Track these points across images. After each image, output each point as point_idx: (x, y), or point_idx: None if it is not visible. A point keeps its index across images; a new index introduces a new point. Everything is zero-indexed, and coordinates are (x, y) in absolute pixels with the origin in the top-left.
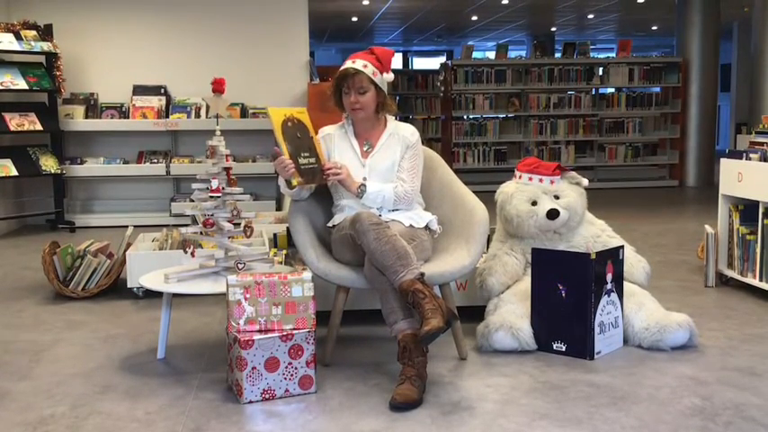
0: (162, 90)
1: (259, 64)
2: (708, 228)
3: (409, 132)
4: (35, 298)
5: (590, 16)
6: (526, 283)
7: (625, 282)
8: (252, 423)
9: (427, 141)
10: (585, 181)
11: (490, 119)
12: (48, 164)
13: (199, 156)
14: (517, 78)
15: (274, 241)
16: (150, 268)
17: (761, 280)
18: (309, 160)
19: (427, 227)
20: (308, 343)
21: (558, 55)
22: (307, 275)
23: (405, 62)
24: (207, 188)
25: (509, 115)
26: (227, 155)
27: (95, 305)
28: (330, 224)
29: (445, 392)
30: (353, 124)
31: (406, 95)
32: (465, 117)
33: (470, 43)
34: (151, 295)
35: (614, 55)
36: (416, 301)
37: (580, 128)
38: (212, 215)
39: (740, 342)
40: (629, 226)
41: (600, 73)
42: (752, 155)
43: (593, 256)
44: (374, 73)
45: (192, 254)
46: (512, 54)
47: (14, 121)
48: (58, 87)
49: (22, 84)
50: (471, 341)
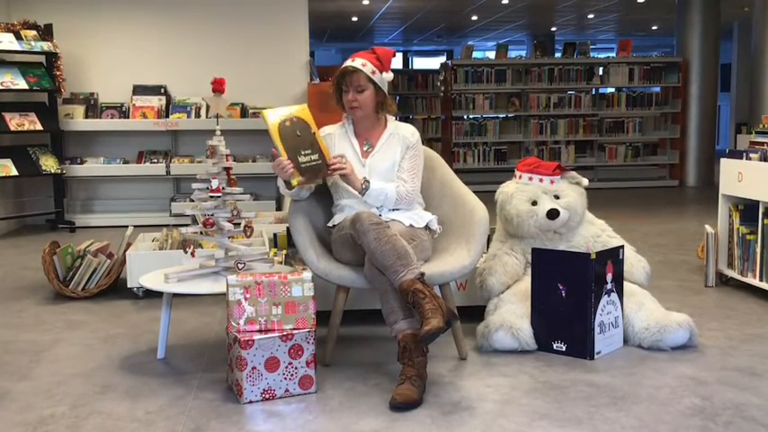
0: (162, 90)
1: (259, 64)
2: (708, 228)
3: (409, 132)
4: (35, 298)
5: (590, 16)
6: (526, 283)
7: (625, 282)
8: (252, 423)
9: (427, 141)
10: (585, 181)
11: (490, 119)
12: (48, 164)
13: (199, 156)
14: (517, 78)
15: (274, 241)
16: (150, 268)
17: (761, 280)
18: (311, 157)
19: (427, 227)
20: (308, 343)
21: (558, 55)
22: (307, 275)
23: (405, 62)
24: (207, 188)
25: (509, 115)
26: (227, 155)
27: (95, 305)
28: (330, 224)
29: (445, 392)
30: (353, 124)
31: (407, 95)
32: (465, 117)
33: (470, 43)
34: (151, 295)
35: (614, 55)
36: (416, 301)
37: (580, 128)
38: (212, 215)
39: (740, 342)
40: (629, 226)
41: (600, 73)
42: (752, 155)
43: (593, 256)
44: (373, 72)
45: (192, 254)
46: (512, 54)
47: (14, 121)
48: (58, 87)
49: (23, 83)
50: (471, 341)
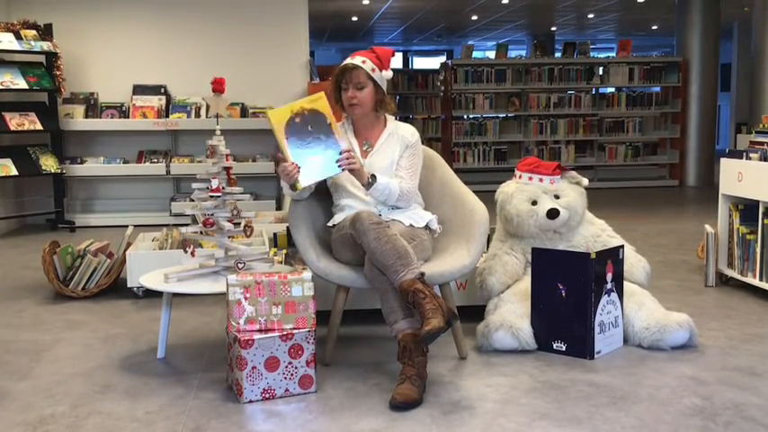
0: (162, 90)
1: (259, 63)
2: (708, 227)
3: (409, 132)
4: (35, 298)
5: (590, 16)
6: (526, 283)
7: (625, 281)
8: (252, 423)
9: (427, 141)
10: (585, 180)
11: (490, 118)
12: (48, 163)
13: (199, 155)
14: (517, 78)
15: (274, 241)
16: (150, 268)
17: (761, 279)
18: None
19: (427, 226)
20: (308, 342)
21: (558, 55)
22: (307, 275)
23: (405, 62)
24: (207, 188)
25: (509, 115)
26: (227, 154)
27: (95, 305)
28: (330, 224)
29: (445, 392)
30: (353, 123)
31: (407, 95)
32: (465, 117)
33: (470, 43)
34: (151, 295)
35: (614, 55)
36: (417, 301)
37: (580, 127)
38: (212, 215)
39: (740, 342)
40: (628, 226)
41: (600, 73)
42: (752, 154)
43: (593, 256)
44: (373, 69)
45: (192, 253)
46: (512, 54)
47: (14, 121)
48: (58, 87)
49: (22, 83)
50: (471, 341)
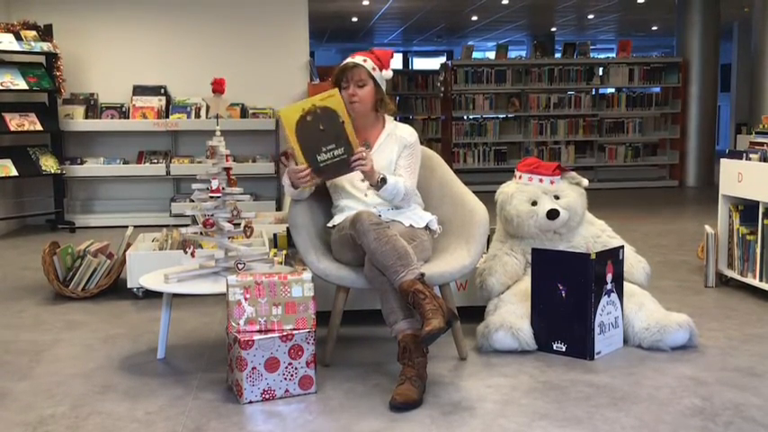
0: (162, 90)
1: (259, 64)
2: (708, 228)
3: (407, 132)
4: (35, 298)
5: (590, 16)
6: (526, 284)
7: (625, 282)
8: (252, 423)
9: (427, 142)
10: (585, 181)
11: (490, 119)
12: (48, 164)
13: (199, 156)
14: (517, 78)
15: (274, 241)
16: (150, 268)
17: (761, 280)
18: (334, 153)
19: (427, 227)
20: (308, 343)
21: (558, 55)
22: (307, 276)
23: (405, 62)
24: (207, 188)
25: (509, 115)
26: (227, 155)
27: (95, 305)
28: (330, 224)
29: (445, 393)
30: (352, 123)
31: (407, 96)
32: (465, 117)
33: (470, 43)
34: (151, 295)
35: (614, 55)
36: (417, 302)
37: (580, 128)
38: (212, 215)
39: (740, 342)
40: (628, 226)
41: (600, 73)
42: (752, 155)
43: (593, 257)
44: (373, 68)
45: (192, 254)
46: (512, 54)
47: (14, 122)
48: (58, 87)
49: (22, 84)
50: (471, 341)
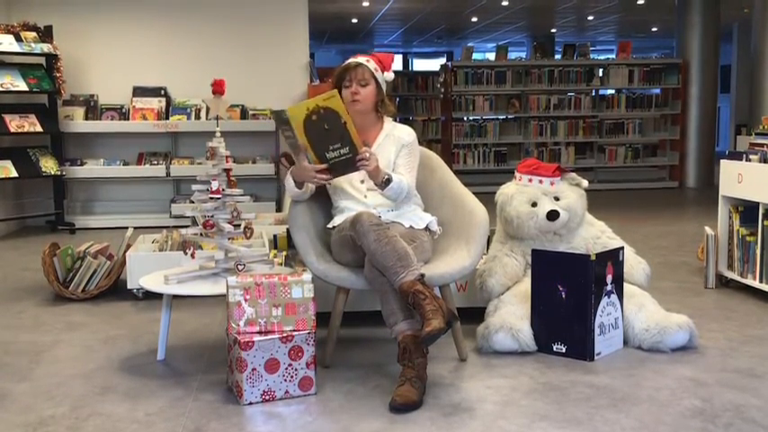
0: (162, 91)
1: (259, 65)
2: (708, 229)
3: (405, 133)
4: (35, 299)
5: (590, 18)
6: (526, 285)
7: (625, 283)
8: (252, 424)
9: (427, 143)
10: (585, 182)
11: (490, 120)
12: (48, 165)
13: (199, 157)
14: (517, 80)
15: (274, 242)
16: (150, 269)
17: (761, 281)
18: (340, 152)
19: (427, 228)
20: (308, 344)
21: (558, 56)
22: (307, 277)
23: (405, 63)
24: (207, 189)
25: (509, 116)
26: (227, 156)
27: (95, 306)
28: (330, 225)
29: (445, 394)
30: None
31: (407, 97)
32: (465, 118)
33: (470, 44)
34: (151, 296)
35: (614, 56)
36: (417, 302)
37: (580, 129)
38: (212, 216)
39: (740, 343)
40: (628, 227)
41: (600, 74)
42: (752, 156)
43: (593, 258)
44: (375, 69)
45: (192, 255)
46: (512, 55)
47: (14, 123)
48: (58, 89)
49: (23, 85)
50: (471, 342)
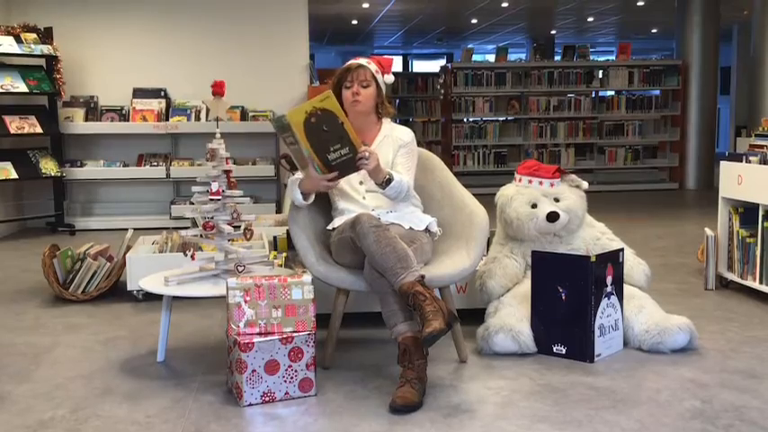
0: (162, 93)
1: (259, 66)
2: (708, 230)
3: (404, 133)
4: (35, 301)
5: (590, 19)
6: (526, 286)
7: (625, 284)
8: (252, 426)
9: (427, 144)
10: (585, 184)
11: (490, 121)
12: (48, 167)
13: (199, 159)
14: (517, 81)
15: (274, 244)
16: (150, 271)
17: (761, 283)
18: (341, 152)
19: (427, 229)
20: (308, 346)
21: (558, 58)
22: (306, 278)
23: (405, 65)
24: (207, 191)
25: (509, 118)
26: (227, 158)
27: (95, 308)
28: (330, 227)
29: (445, 395)
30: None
31: (406, 98)
32: (465, 120)
33: (470, 46)
34: (151, 298)
35: (614, 58)
36: (417, 304)
37: (580, 131)
38: (212, 218)
39: (740, 344)
40: (628, 229)
41: (600, 76)
42: (752, 157)
43: (593, 259)
44: (376, 71)
45: (192, 257)
46: (512, 57)
47: (14, 124)
48: (59, 90)
49: (23, 87)
50: (471, 344)
